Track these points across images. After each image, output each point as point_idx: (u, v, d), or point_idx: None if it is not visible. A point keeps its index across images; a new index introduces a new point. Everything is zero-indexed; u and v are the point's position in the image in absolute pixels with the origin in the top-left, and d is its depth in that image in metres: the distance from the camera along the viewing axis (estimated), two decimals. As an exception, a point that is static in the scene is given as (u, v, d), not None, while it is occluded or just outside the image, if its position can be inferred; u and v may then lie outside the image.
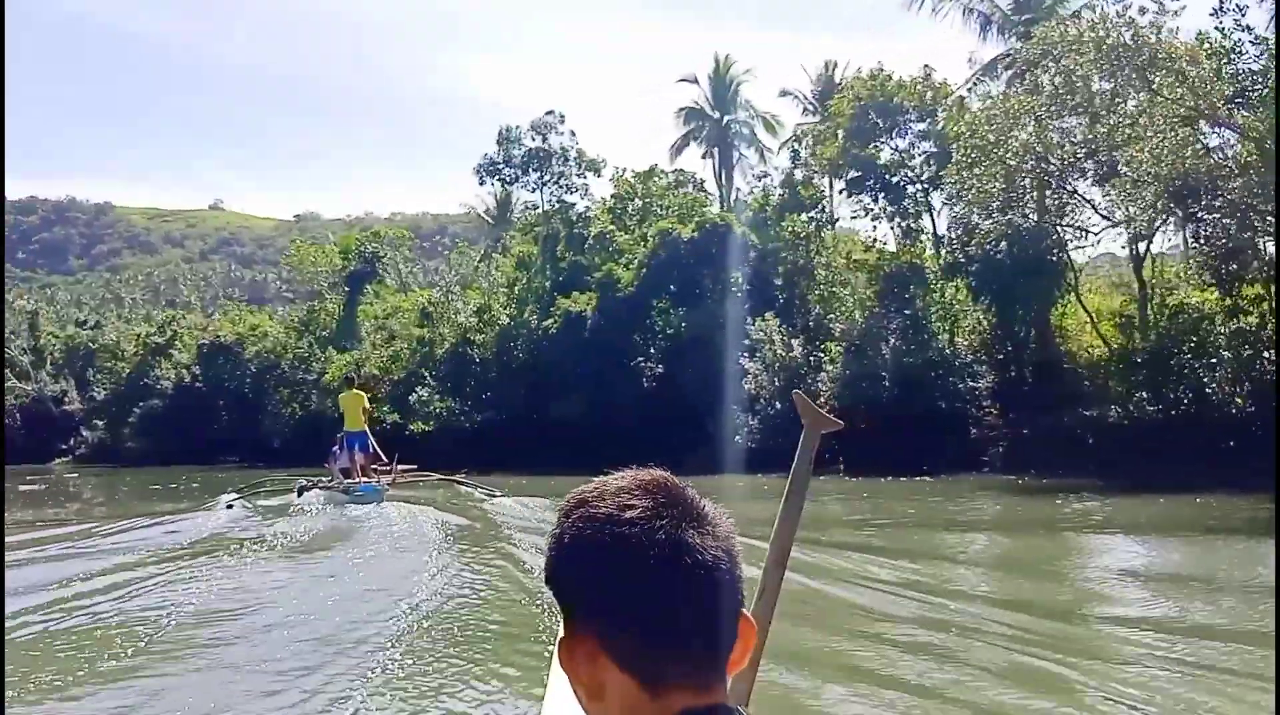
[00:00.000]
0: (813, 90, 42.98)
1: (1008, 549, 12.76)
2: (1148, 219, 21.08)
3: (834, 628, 7.51)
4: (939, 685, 5.95)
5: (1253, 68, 19.44)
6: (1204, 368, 20.57)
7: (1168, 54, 18.04)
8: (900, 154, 29.19)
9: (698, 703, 0.91)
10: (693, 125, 45.70)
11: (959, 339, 26.52)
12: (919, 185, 29.24)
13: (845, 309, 28.21)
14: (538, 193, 38.65)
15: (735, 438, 26.18)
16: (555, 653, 0.97)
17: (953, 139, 25.16)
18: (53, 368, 55.91)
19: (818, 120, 36.66)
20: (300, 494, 18.38)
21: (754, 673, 1.46)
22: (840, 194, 31.42)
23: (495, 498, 17.67)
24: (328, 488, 18.55)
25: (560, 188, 37.56)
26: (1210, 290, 21.78)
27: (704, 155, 45.65)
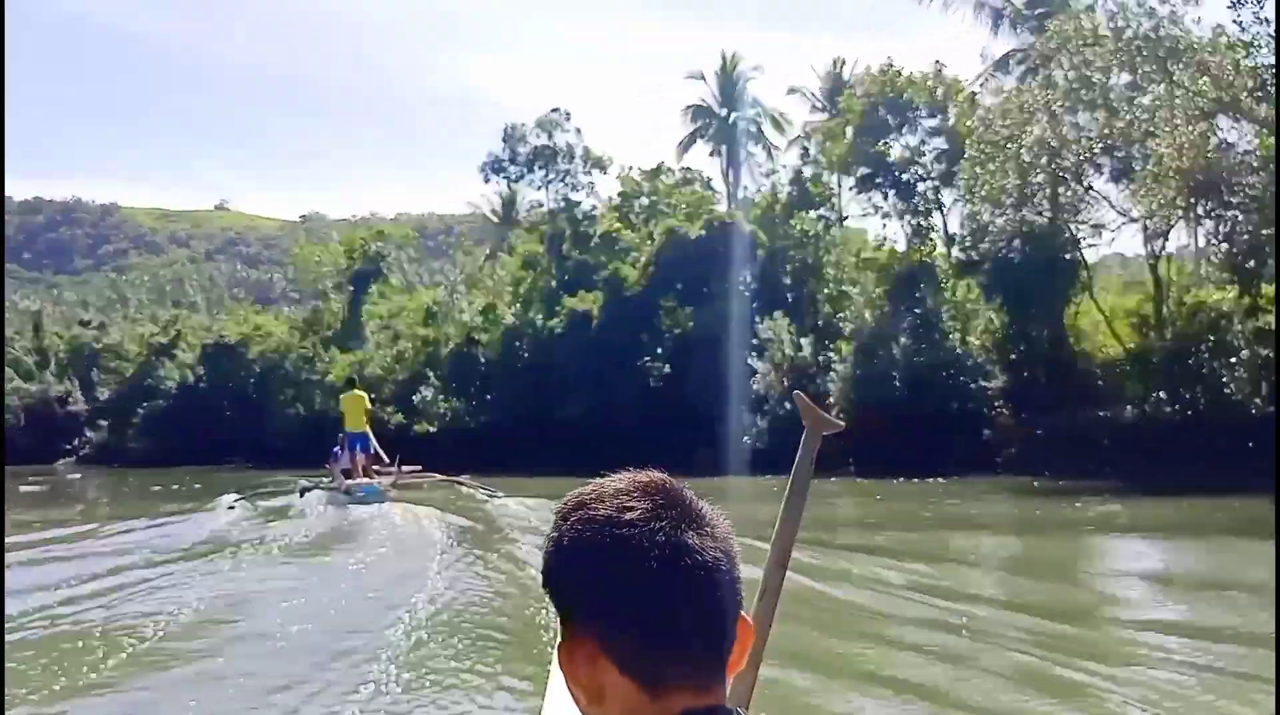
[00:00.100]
0: (821, 88, 42.70)
1: (1022, 551, 12.70)
2: (1167, 215, 20.68)
3: (844, 631, 7.51)
4: (950, 689, 5.90)
5: (1270, 61, 19.09)
6: (1223, 367, 20.23)
7: (1190, 45, 17.67)
8: (911, 151, 28.84)
9: (698, 704, 0.91)
10: (700, 123, 45.37)
11: (971, 339, 26.17)
12: (930, 182, 28.88)
13: (855, 308, 27.85)
14: (543, 190, 38.47)
15: (743, 439, 25.89)
16: (555, 656, 0.96)
17: (965, 135, 24.88)
18: (57, 368, 56.02)
19: (827, 118, 36.37)
20: (302, 495, 18.49)
21: (755, 673, 1.44)
22: (850, 191, 31.11)
23: (496, 499, 17.55)
24: (329, 489, 18.54)
25: (566, 185, 37.33)
26: (1229, 288, 21.42)
27: (711, 153, 45.36)
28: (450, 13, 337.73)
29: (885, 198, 28.91)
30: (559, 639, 0.95)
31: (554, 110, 37.66)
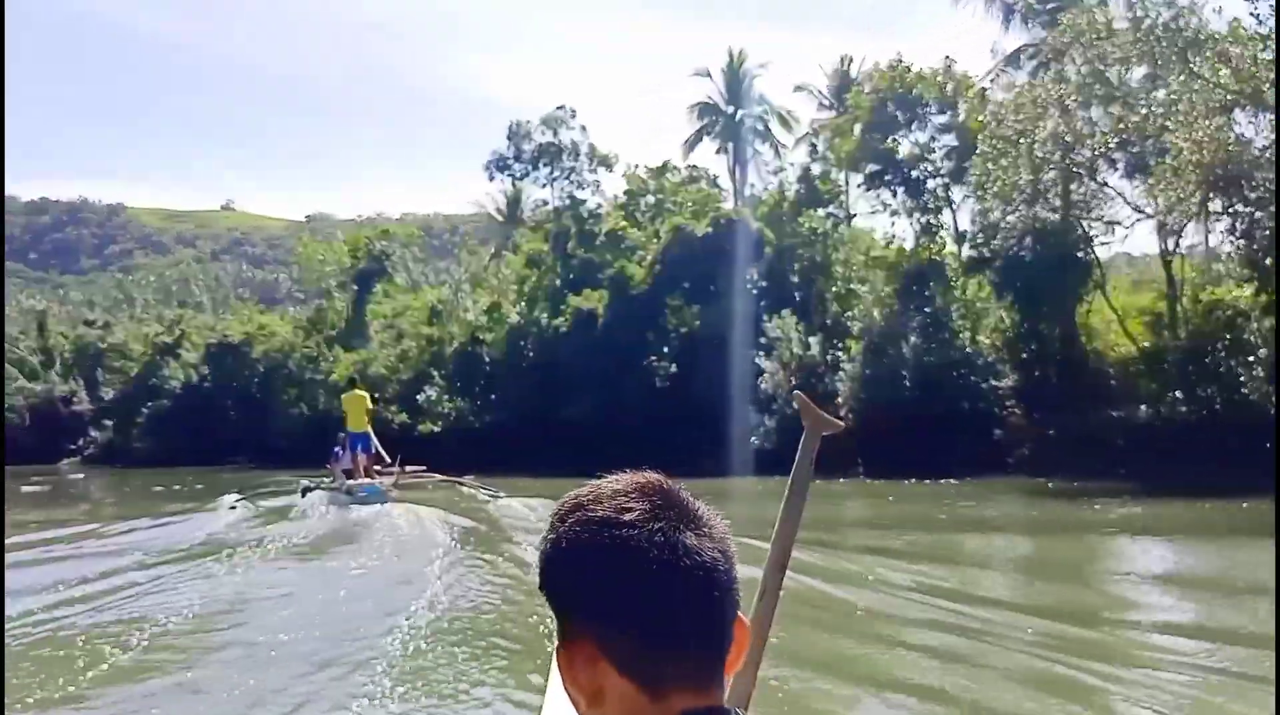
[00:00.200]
0: (828, 85, 42.39)
1: (1034, 553, 12.60)
2: (1185, 210, 20.30)
3: (852, 632, 7.48)
4: (959, 691, 5.89)
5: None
6: (1240, 366, 19.88)
7: (1210, 36, 17.32)
8: (920, 147, 28.47)
9: (698, 704, 0.91)
10: (706, 120, 45.11)
11: (981, 337, 25.81)
12: (940, 179, 28.52)
13: (864, 307, 27.51)
14: (548, 188, 38.21)
15: (750, 438, 25.57)
16: (554, 659, 0.96)
17: (976, 131, 24.55)
18: (62, 368, 56.01)
19: (834, 115, 36.03)
20: (303, 495, 18.50)
21: (754, 674, 1.43)
22: (858, 189, 30.76)
23: (499, 499, 17.39)
24: (330, 489, 18.51)
25: (571, 183, 37.08)
26: (1245, 286, 21.05)
27: (718, 151, 45.11)
28: (452, 12, 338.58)
29: (894, 195, 28.52)
30: (557, 642, 0.94)
31: (559, 107, 37.47)
